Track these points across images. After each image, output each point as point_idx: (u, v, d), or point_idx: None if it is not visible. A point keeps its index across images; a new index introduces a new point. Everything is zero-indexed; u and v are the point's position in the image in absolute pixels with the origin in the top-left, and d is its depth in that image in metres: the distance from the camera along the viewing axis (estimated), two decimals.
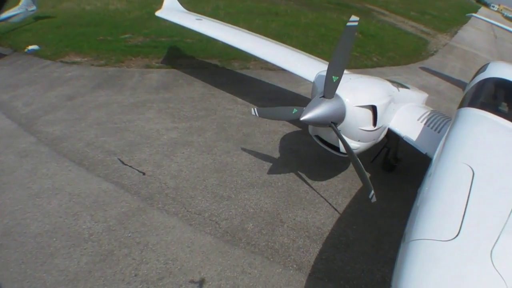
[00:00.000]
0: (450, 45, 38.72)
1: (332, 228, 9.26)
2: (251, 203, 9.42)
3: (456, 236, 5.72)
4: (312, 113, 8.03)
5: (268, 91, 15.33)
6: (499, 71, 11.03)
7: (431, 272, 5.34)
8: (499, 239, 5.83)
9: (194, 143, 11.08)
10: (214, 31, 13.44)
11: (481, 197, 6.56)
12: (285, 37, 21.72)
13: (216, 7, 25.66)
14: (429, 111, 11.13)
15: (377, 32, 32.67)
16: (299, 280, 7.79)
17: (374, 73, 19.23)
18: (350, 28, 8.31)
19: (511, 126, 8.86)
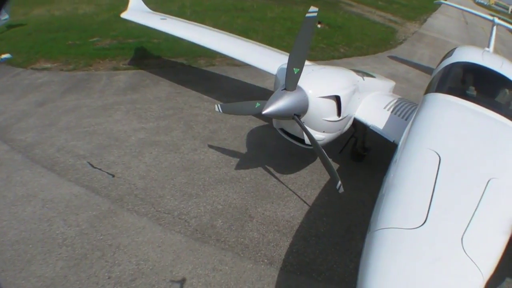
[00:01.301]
0: (419, 33, 38.62)
1: (302, 221, 9.17)
2: (220, 199, 9.32)
3: (423, 224, 5.58)
4: (274, 106, 7.88)
5: (234, 87, 15.21)
6: (465, 55, 10.97)
7: (397, 261, 5.20)
8: (470, 225, 5.72)
9: (161, 142, 10.96)
10: (177, 30, 13.34)
11: (448, 183, 6.42)
12: (251, 32, 21.59)
13: (182, 6, 25.48)
14: (396, 99, 11.04)
15: (344, 23, 32.45)
16: (270, 275, 7.71)
17: (341, 64, 19.31)
18: (309, 19, 8.16)
19: (478, 109, 8.71)
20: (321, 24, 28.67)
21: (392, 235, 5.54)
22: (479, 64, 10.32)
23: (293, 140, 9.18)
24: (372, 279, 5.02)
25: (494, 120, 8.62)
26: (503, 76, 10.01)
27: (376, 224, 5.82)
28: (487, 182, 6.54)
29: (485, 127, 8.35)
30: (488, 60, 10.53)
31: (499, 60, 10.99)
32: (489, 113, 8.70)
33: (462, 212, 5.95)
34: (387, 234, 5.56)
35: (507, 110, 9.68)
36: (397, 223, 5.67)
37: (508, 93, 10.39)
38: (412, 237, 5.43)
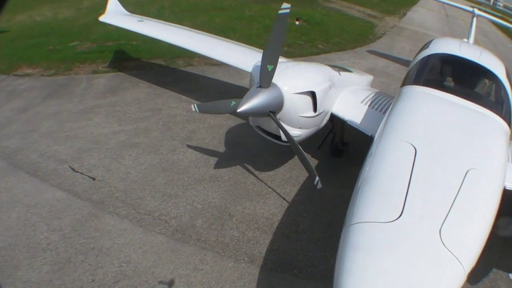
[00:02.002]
0: (399, 26, 38.48)
1: (282, 218, 9.13)
2: (199, 199, 9.25)
3: (399, 217, 5.48)
4: (249, 104, 7.81)
5: (213, 86, 15.11)
6: (442, 47, 10.92)
7: (374, 256, 5.10)
8: (448, 216, 5.64)
9: (141, 144, 10.88)
10: (154, 31, 13.27)
11: (425, 175, 6.35)
12: (229, 31, 21.46)
13: (161, 7, 25.30)
14: (374, 93, 10.98)
15: (322, 19, 32.21)
16: (251, 273, 7.66)
17: (319, 60, 19.15)
18: (282, 16, 8.16)
19: (456, 100, 8.65)
20: (299, 21, 28.54)
21: (368, 229, 5.46)
22: (456, 55, 10.25)
23: (270, 137, 9.10)
24: (348, 275, 4.93)
25: (472, 111, 8.56)
26: (481, 66, 9.93)
27: (352, 218, 5.73)
28: (465, 172, 6.48)
29: (463, 117, 8.29)
30: (466, 51, 10.45)
31: (477, 51, 10.91)
32: (467, 104, 8.65)
33: (440, 204, 5.88)
34: (363, 228, 5.49)
35: (486, 100, 9.66)
36: (372, 216, 5.59)
37: (487, 83, 10.35)
38: (388, 231, 5.35)
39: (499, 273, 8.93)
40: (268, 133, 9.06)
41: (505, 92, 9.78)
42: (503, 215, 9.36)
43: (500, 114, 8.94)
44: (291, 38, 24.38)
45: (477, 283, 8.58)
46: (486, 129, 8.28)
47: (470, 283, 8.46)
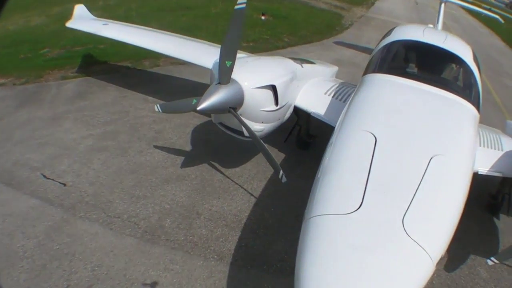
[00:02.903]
0: (367, 16, 38.39)
1: (250, 214, 9.05)
2: (167, 199, 9.13)
3: (359, 208, 5.32)
4: (209, 101, 7.73)
5: (179, 85, 14.91)
6: (404, 33, 10.82)
7: (334, 250, 4.95)
8: (411, 205, 5.48)
9: (109, 147, 10.69)
10: (118, 34, 13.09)
11: (385, 164, 6.20)
12: (195, 29, 21.13)
13: (128, 9, 24.94)
14: (338, 84, 10.92)
15: (289, 13, 32.07)
16: (221, 271, 7.57)
17: (285, 53, 18.96)
18: (238, 11, 8.02)
19: (420, 86, 8.57)
20: (265, 16, 28.34)
21: (327, 221, 5.30)
22: (419, 41, 10.17)
23: (233, 133, 9.02)
24: (308, 270, 4.77)
25: (438, 96, 8.47)
26: (446, 50, 9.86)
27: (311, 211, 5.60)
28: (429, 159, 6.35)
29: (428, 104, 8.20)
30: (430, 36, 10.37)
31: (441, 35, 10.81)
32: (432, 90, 8.57)
33: (402, 192, 5.74)
34: (322, 221, 5.33)
35: (452, 85, 9.56)
36: (331, 209, 5.44)
37: (453, 67, 10.23)
38: (347, 223, 5.20)
39: (477, 259, 8.90)
40: (231, 129, 8.98)
41: (472, 76, 9.73)
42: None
43: (467, 99, 8.88)
44: (256, 33, 24.26)
45: (454, 270, 8.53)
46: (452, 114, 8.20)
47: (447, 271, 8.44)
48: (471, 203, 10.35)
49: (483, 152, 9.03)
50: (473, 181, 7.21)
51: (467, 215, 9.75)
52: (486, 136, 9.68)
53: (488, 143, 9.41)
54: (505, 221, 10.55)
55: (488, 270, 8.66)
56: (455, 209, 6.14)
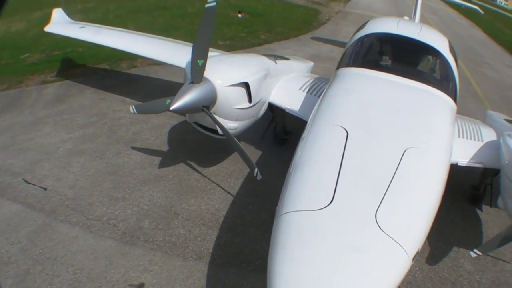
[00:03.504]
0: (344, 11, 38.23)
1: (227, 212, 8.93)
2: (145, 200, 9.00)
3: (330, 204, 5.14)
4: (181, 101, 7.60)
5: (156, 86, 14.74)
6: (378, 26, 10.61)
7: (306, 247, 4.77)
8: (384, 199, 5.31)
9: (87, 150, 10.54)
10: (94, 36, 12.86)
11: (357, 158, 6.04)
12: (172, 29, 20.96)
13: (106, 11, 24.67)
14: (312, 79, 10.74)
15: (266, 10, 31.93)
16: (200, 270, 7.45)
17: (262, 50, 19.01)
18: (209, 10, 7.89)
19: (394, 79, 8.42)
20: (242, 14, 28.15)
21: (298, 218, 5.13)
22: (393, 33, 9.96)
23: (208, 132, 8.87)
24: (280, 269, 4.61)
25: (413, 88, 8.33)
26: (421, 42, 9.68)
27: (282, 207, 5.43)
28: (403, 152, 6.19)
29: (402, 96, 8.05)
30: (404, 28, 10.17)
31: (416, 27, 10.72)
32: (407, 82, 8.42)
33: (374, 186, 5.57)
34: (293, 218, 5.16)
35: (428, 76, 9.45)
36: (302, 205, 5.27)
37: (429, 59, 10.10)
38: (318, 219, 5.02)
39: (461, 251, 8.78)
40: (206, 128, 8.84)
41: (448, 67, 9.59)
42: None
43: (444, 90, 8.75)
44: (233, 31, 24.18)
45: (437, 263, 8.39)
46: (427, 106, 8.07)
47: (429, 264, 8.32)
48: (453, 195, 10.30)
49: (463, 143, 8.95)
50: (451, 173, 7.11)
51: (449, 207, 9.74)
52: (466, 127, 9.59)
53: (467, 134, 9.31)
54: (488, 212, 10.41)
55: (472, 262, 8.52)
56: (431, 201, 5.98)
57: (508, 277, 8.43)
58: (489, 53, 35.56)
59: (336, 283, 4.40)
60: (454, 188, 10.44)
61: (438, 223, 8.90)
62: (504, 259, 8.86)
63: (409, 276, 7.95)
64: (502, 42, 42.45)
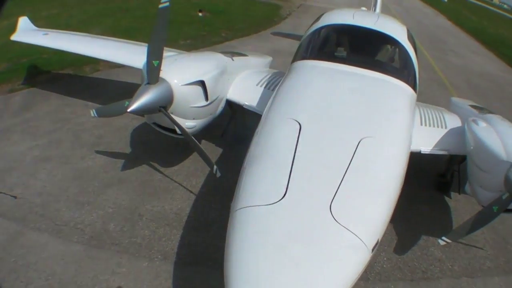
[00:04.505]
0: (306, 5, 37.78)
1: (190, 211, 8.74)
2: (110, 203, 8.77)
3: (283, 198, 4.94)
4: (138, 102, 7.33)
5: (119, 88, 14.39)
6: (332, 18, 10.26)
7: (260, 242, 4.59)
8: (339, 191, 5.11)
9: (53, 156, 10.25)
10: (57, 42, 12.45)
11: (309, 152, 5.83)
12: (134, 31, 20.55)
13: (70, 17, 24.13)
14: (270, 74, 10.49)
15: (227, 8, 31.47)
16: (166, 270, 7.27)
17: (222, 48, 18.74)
18: (163, 10, 7.60)
19: (350, 70, 8.20)
20: (203, 12, 27.57)
21: (252, 213, 4.94)
22: (349, 24, 9.69)
23: (167, 132, 8.60)
24: (235, 266, 4.46)
25: (369, 78, 8.09)
26: (378, 32, 9.41)
27: (237, 203, 5.24)
28: (358, 142, 5.99)
29: (358, 86, 7.78)
30: (360, 19, 9.83)
31: (373, 17, 10.43)
32: (364, 72, 8.17)
33: (328, 178, 5.37)
34: (247, 213, 4.97)
35: (385, 66, 9.23)
36: (256, 200, 5.08)
37: (386, 48, 9.88)
38: (272, 214, 4.83)
39: (430, 240, 8.60)
40: (165, 128, 8.57)
41: (407, 55, 9.35)
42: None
43: (402, 78, 8.51)
44: (194, 30, 23.79)
45: (405, 252, 8.21)
46: (384, 95, 7.84)
47: (397, 254, 8.15)
48: (421, 184, 10.17)
49: (426, 131, 8.77)
50: (417, 161, 6.96)
51: (417, 196, 9.58)
52: (429, 115, 9.39)
53: (430, 122, 9.11)
54: (457, 199, 10.23)
55: (443, 250, 8.33)
56: (389, 190, 5.82)
57: (482, 264, 8.29)
58: (454, 40, 35.51)
59: (293, 278, 4.23)
60: (421, 176, 10.39)
61: (405, 212, 8.88)
62: (477, 246, 8.74)
63: (378, 267, 7.82)
64: (468, 29, 42.54)
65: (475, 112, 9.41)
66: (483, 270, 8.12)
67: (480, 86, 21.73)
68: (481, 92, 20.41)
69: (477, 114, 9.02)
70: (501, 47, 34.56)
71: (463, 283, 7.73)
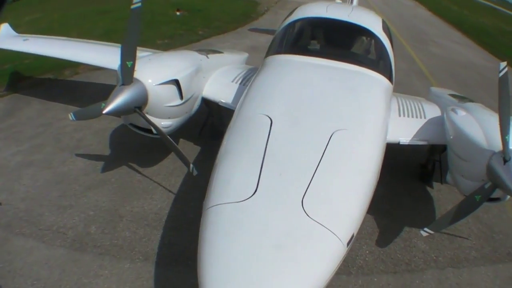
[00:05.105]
0: (284, 0, 37.22)
1: (170, 211, 8.59)
2: (91, 205, 8.60)
3: (253, 194, 4.81)
4: (113, 103, 7.12)
5: (98, 90, 13.82)
6: (305, 12, 9.99)
7: (231, 239, 4.47)
8: (311, 185, 4.96)
9: (35, 161, 10.05)
10: (36, 47, 12.18)
11: (280, 147, 5.68)
12: (112, 33, 20.26)
13: (51, 21, 23.70)
14: (246, 70, 10.25)
15: (204, 6, 30.80)
16: (147, 271, 7.14)
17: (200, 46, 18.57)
18: (135, 11, 7.32)
19: (324, 63, 8.01)
20: (181, 11, 27.30)
21: (224, 211, 4.82)
22: (322, 17, 9.47)
23: (144, 132, 8.41)
24: (209, 265, 4.32)
25: (343, 70, 7.91)
26: (352, 23, 9.16)
27: (209, 201, 5.12)
28: (330, 136, 5.83)
29: (331, 79, 7.61)
30: (333, 11, 9.57)
31: (347, 9, 10.09)
32: (337, 64, 7.99)
33: (300, 173, 5.23)
34: (219, 211, 4.85)
35: (360, 57, 9.11)
36: (227, 197, 4.95)
37: (361, 40, 9.74)
38: (243, 211, 4.72)
39: (413, 231, 8.40)
40: (141, 129, 8.38)
41: (382, 46, 9.16)
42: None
43: (377, 70, 8.37)
44: (171, 30, 23.42)
45: (388, 245, 8.03)
46: (359, 87, 7.66)
47: (380, 246, 7.98)
48: (402, 175, 10.01)
49: (404, 122, 8.56)
50: (398, 152, 6.82)
51: (398, 187, 9.52)
52: (407, 106, 9.19)
53: (409, 112, 8.90)
54: (440, 189, 9.98)
55: (427, 241, 8.10)
56: (363, 183, 5.67)
57: (467, 253, 8.09)
58: (434, 31, 35.16)
59: (266, 275, 4.13)
60: (402, 167, 10.20)
61: (387, 204, 8.78)
62: (461, 236, 8.57)
63: (360, 260, 7.65)
64: (449, 19, 42.24)
65: (454, 101, 9.23)
66: (469, 260, 7.92)
67: (463, 75, 21.56)
68: (463, 81, 20.26)
69: (456, 103, 8.84)
70: (482, 36, 34.27)
71: (448, 274, 7.58)
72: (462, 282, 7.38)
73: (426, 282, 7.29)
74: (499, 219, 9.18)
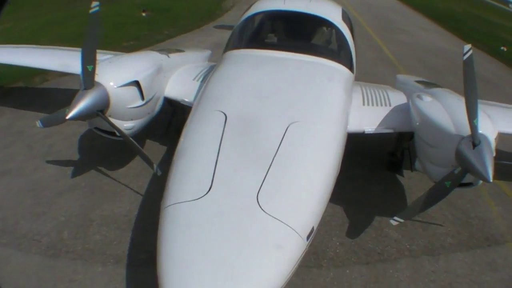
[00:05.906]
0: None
1: (139, 212, 8.43)
2: (62, 211, 8.41)
3: (208, 192, 4.70)
4: (76, 108, 6.93)
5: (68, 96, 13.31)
6: (263, 6, 9.84)
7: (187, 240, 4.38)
8: (266, 180, 4.84)
9: (9, 170, 9.82)
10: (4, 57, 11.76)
11: (234, 143, 5.55)
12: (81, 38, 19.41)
13: (22, 29, 23.07)
14: (208, 67, 9.97)
15: (170, 6, 30.33)
16: (119, 273, 6.98)
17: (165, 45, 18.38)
18: (93, 15, 7.21)
19: (281, 55, 7.85)
20: (146, 12, 26.77)
21: (180, 210, 4.71)
22: (279, 10, 9.32)
23: (109, 135, 8.23)
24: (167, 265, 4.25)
25: (301, 62, 7.74)
26: (309, 14, 8.97)
27: (166, 200, 5.01)
28: (285, 129, 5.71)
29: (288, 71, 7.48)
30: (291, 3, 9.36)
31: (305, 0, 9.70)
32: (294, 56, 7.82)
33: (254, 168, 5.11)
34: (175, 210, 4.74)
35: (318, 48, 8.93)
36: (183, 196, 4.84)
37: (320, 30, 9.53)
38: (199, 209, 4.61)
39: (384, 220, 8.09)
40: (106, 132, 8.21)
41: (341, 35, 9.00)
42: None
43: (336, 60, 8.21)
44: (136, 31, 23.01)
45: (359, 235, 7.80)
46: (317, 77, 7.52)
47: (350, 237, 7.76)
48: (371, 164, 9.88)
49: (369, 111, 8.39)
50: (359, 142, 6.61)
51: (367, 177, 9.39)
52: (372, 94, 9.00)
53: (374, 101, 8.70)
54: (410, 176, 9.67)
55: (399, 230, 7.78)
56: (321, 175, 5.56)
57: (443, 240, 7.88)
58: (402, 19, 34.78)
59: (224, 273, 4.03)
60: (370, 157, 10.07)
61: (356, 194, 8.60)
62: (436, 223, 8.40)
63: (330, 252, 7.43)
64: (417, 6, 41.64)
65: (420, 87, 9.09)
66: (445, 247, 7.70)
67: (431, 61, 21.43)
68: (432, 67, 20.12)
69: (422, 89, 8.71)
70: (451, 21, 33.84)
71: (423, 262, 7.29)
72: (439, 270, 7.15)
73: (400, 272, 7.06)
74: (474, 204, 8.98)
